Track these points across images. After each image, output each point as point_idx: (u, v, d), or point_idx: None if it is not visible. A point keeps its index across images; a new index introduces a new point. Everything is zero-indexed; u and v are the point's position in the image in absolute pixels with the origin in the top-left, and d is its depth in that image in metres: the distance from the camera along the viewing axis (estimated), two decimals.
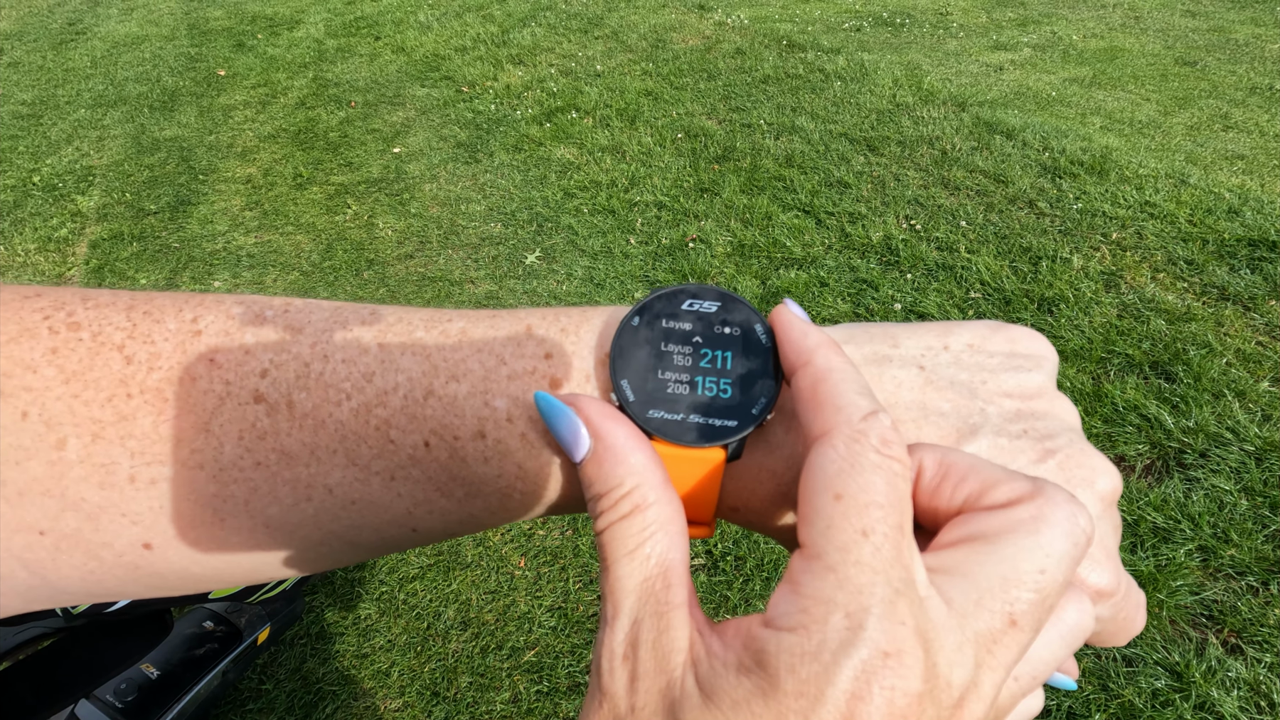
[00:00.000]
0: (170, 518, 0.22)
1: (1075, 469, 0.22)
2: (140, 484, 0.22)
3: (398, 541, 0.25)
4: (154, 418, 0.22)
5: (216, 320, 0.23)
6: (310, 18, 5.54)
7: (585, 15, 4.66)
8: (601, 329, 0.24)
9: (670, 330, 0.23)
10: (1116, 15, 4.59)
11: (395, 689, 1.39)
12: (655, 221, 2.67)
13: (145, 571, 0.23)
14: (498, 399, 0.23)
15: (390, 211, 2.95)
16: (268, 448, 0.22)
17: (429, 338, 0.24)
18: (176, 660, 1.14)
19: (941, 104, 3.18)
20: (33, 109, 4.23)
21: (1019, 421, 0.23)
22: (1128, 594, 0.23)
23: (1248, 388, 1.72)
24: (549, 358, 0.23)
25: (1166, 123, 3.17)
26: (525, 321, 0.24)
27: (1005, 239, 2.34)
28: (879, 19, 4.70)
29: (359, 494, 0.23)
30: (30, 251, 2.85)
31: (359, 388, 0.23)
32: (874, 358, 0.24)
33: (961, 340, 0.25)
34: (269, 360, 0.23)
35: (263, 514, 0.23)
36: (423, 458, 0.23)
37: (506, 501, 0.24)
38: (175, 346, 0.23)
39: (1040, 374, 0.24)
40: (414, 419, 0.22)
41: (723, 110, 3.36)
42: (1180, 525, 1.47)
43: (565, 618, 1.48)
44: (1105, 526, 0.23)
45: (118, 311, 0.23)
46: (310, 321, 0.24)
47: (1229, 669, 1.27)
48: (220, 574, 0.24)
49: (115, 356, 0.22)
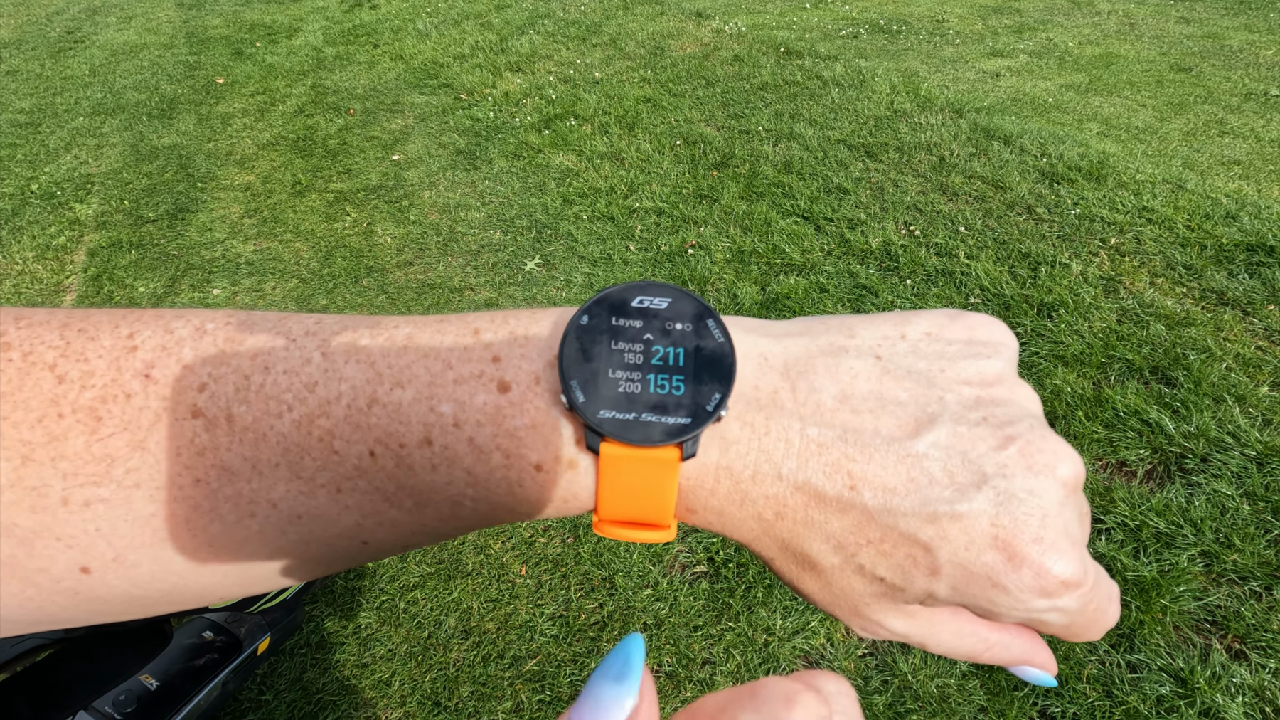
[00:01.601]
0: (107, 540, 0.21)
1: (1036, 455, 0.22)
2: (74, 506, 0.21)
3: (350, 555, 0.24)
4: (87, 437, 0.21)
5: (154, 335, 0.23)
6: (309, 26, 5.56)
7: (583, 23, 4.68)
8: (551, 330, 0.23)
9: (620, 328, 0.23)
10: (1111, 22, 4.62)
11: (396, 699, 1.38)
12: (654, 228, 2.67)
13: (86, 597, 0.22)
14: (443, 404, 0.22)
15: (389, 219, 2.95)
16: (207, 464, 0.22)
17: (374, 345, 0.23)
18: (176, 671, 1.13)
19: (939, 110, 3.20)
20: (31, 117, 4.23)
21: (978, 409, 0.23)
22: (1096, 584, 0.23)
23: (1248, 392, 1.72)
24: (496, 360, 0.22)
25: (1163, 128, 3.19)
26: (473, 325, 0.23)
27: (1004, 244, 2.34)
28: (876, 26, 4.72)
29: (305, 508, 0.22)
30: (28, 260, 2.84)
31: (301, 398, 0.22)
32: (829, 349, 0.24)
33: (919, 329, 0.24)
34: (207, 374, 0.22)
35: (205, 532, 0.22)
36: (369, 468, 0.22)
37: (458, 510, 0.23)
38: (110, 364, 0.22)
39: (999, 360, 0.24)
40: (358, 428, 0.22)
41: (721, 117, 3.37)
42: (1182, 530, 1.47)
43: (567, 626, 1.47)
44: (1069, 513, 0.22)
45: (51, 330, 0.23)
46: (252, 333, 0.23)
47: (1234, 675, 1.26)
48: (166, 596, 0.23)
49: (46, 376, 0.21)
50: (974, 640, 0.25)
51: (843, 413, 0.22)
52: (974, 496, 0.21)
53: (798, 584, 0.24)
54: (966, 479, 0.21)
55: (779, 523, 0.22)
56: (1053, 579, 0.21)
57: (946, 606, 0.24)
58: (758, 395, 0.23)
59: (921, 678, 1.32)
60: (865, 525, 0.22)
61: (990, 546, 0.21)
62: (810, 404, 0.22)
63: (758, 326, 0.25)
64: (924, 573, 0.22)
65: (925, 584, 0.22)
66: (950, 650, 0.25)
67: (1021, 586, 0.21)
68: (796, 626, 1.42)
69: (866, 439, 0.22)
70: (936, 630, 0.25)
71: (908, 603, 0.23)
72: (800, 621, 1.43)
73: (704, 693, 1.33)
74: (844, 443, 0.22)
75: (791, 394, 0.23)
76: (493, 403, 0.22)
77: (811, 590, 0.24)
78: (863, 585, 0.23)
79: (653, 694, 0.17)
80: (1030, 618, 0.23)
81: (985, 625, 0.25)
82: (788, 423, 0.22)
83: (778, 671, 1.36)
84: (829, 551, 0.22)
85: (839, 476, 0.22)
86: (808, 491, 0.22)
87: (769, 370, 0.23)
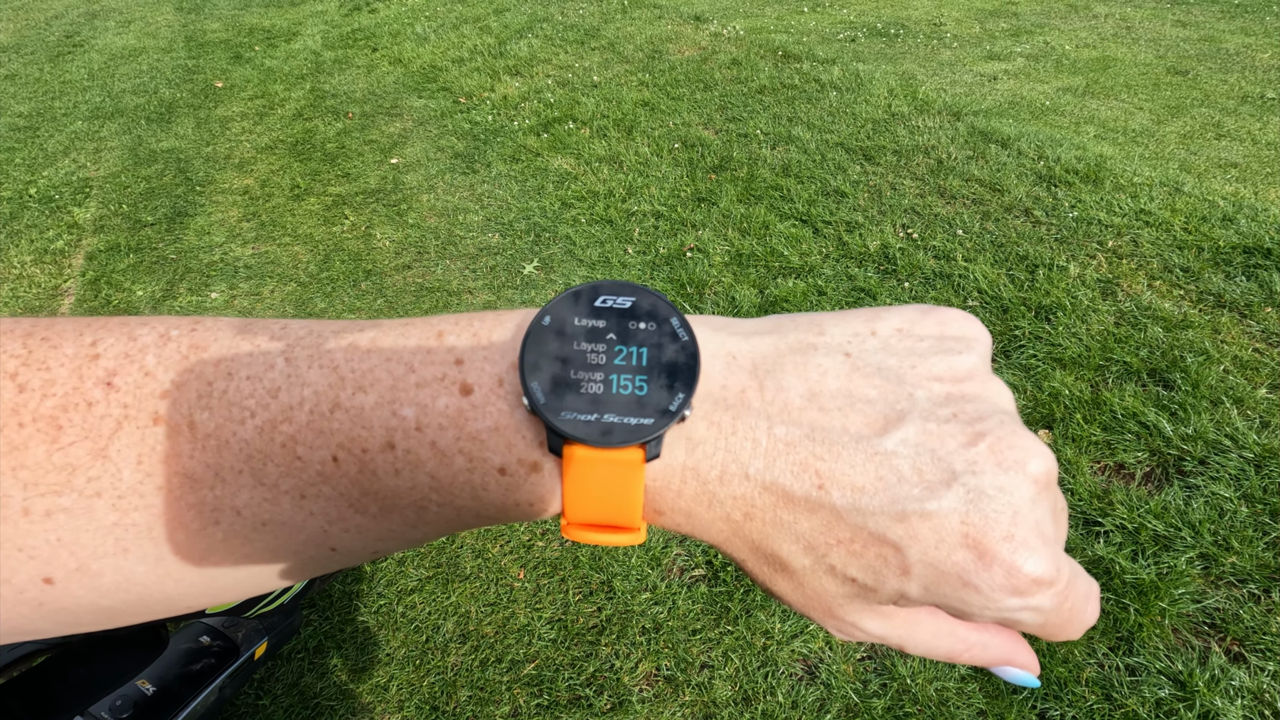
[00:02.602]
0: (69, 550, 0.21)
1: (1006, 451, 0.22)
2: (35, 516, 0.21)
3: (318, 562, 0.24)
4: (47, 446, 0.21)
5: (117, 343, 0.23)
6: (307, 30, 5.57)
7: (582, 27, 4.69)
8: (514, 331, 0.23)
9: (582, 328, 0.22)
10: (1108, 25, 4.63)
11: (394, 703, 1.37)
12: (653, 231, 2.67)
13: (51, 608, 0.22)
14: (406, 408, 0.22)
15: (388, 222, 2.95)
16: (169, 471, 0.22)
17: (338, 349, 0.23)
18: (173, 676, 1.13)
19: (936, 113, 3.20)
20: (29, 121, 4.23)
21: (948, 405, 0.22)
22: (1071, 583, 0.22)
23: (1245, 395, 1.73)
24: (460, 363, 0.22)
25: (1160, 131, 3.19)
26: (437, 328, 0.23)
27: (1002, 247, 2.35)
28: (873, 29, 4.73)
29: (269, 514, 0.22)
30: (26, 264, 2.84)
31: (263, 404, 0.22)
32: (799, 346, 0.23)
33: (890, 325, 0.24)
34: (170, 381, 0.22)
35: (169, 540, 0.22)
36: (332, 473, 0.22)
37: (423, 515, 0.23)
38: (71, 372, 0.22)
39: (971, 356, 0.24)
40: (320, 433, 0.22)
41: (719, 120, 3.38)
42: (1181, 533, 1.47)
43: (565, 630, 1.46)
44: (1041, 510, 0.22)
45: (14, 339, 0.23)
46: (217, 339, 0.23)
47: (1232, 678, 1.26)
48: (131, 606, 0.23)
49: (8, 385, 0.22)
50: (952, 640, 0.25)
51: (811, 411, 0.22)
52: (944, 494, 0.21)
53: (771, 586, 0.24)
54: (936, 477, 0.21)
55: (748, 524, 0.22)
56: (1024, 577, 0.21)
57: (922, 607, 0.24)
58: (725, 395, 0.22)
59: (920, 681, 1.32)
60: (834, 525, 0.22)
61: (961, 545, 0.21)
62: (778, 403, 0.22)
63: (726, 325, 0.24)
64: (895, 572, 0.22)
65: (897, 584, 0.22)
66: (928, 651, 0.25)
67: (993, 585, 0.21)
68: (795, 630, 1.42)
69: (835, 437, 0.22)
70: (914, 631, 0.25)
71: (881, 603, 0.23)
72: (799, 625, 1.43)
73: (702, 697, 1.33)
74: (812, 441, 0.22)
75: (759, 393, 0.22)
76: (455, 405, 0.22)
77: (784, 592, 0.24)
78: (835, 586, 0.23)
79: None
80: (1004, 617, 0.22)
81: (963, 625, 0.25)
82: (755, 422, 0.22)
83: (776, 677, 1.36)
84: (799, 552, 0.22)
85: (807, 475, 0.21)
86: (776, 491, 0.22)
87: (737, 369, 0.23)
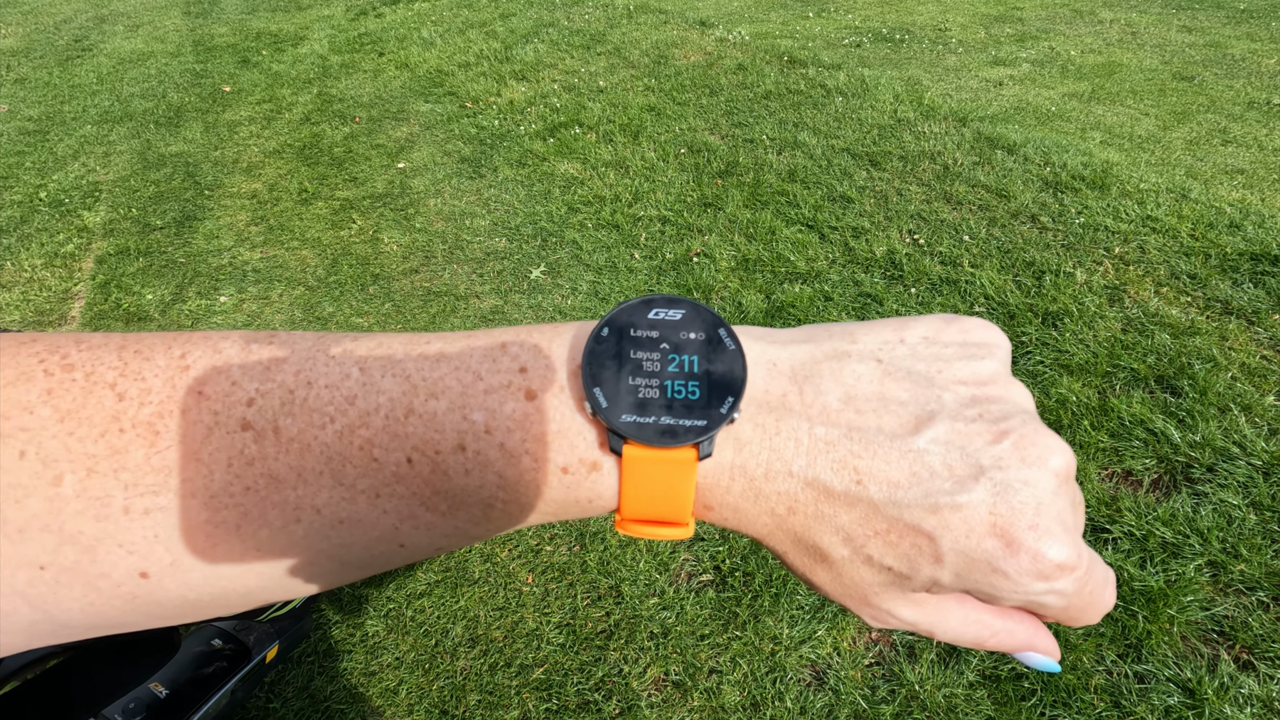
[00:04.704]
0: (165, 546, 0.23)
1: (1029, 447, 0.23)
2: (135, 514, 0.22)
3: (387, 558, 0.26)
4: (146, 450, 0.23)
5: (204, 355, 0.24)
6: (314, 34, 5.60)
7: (587, 32, 4.70)
8: (572, 341, 0.25)
9: (638, 339, 0.24)
10: (1113, 31, 4.63)
11: (404, 707, 1.38)
12: (659, 236, 2.68)
13: (143, 600, 0.24)
14: (475, 413, 0.23)
15: (395, 226, 2.96)
16: (256, 473, 0.23)
17: (407, 359, 0.25)
18: (185, 679, 1.14)
19: (942, 119, 3.21)
20: (39, 125, 4.26)
21: (974, 406, 0.24)
22: (1090, 568, 0.24)
23: (1253, 402, 1.72)
24: (523, 371, 0.24)
25: (1166, 137, 3.19)
26: (500, 339, 0.25)
27: (1008, 253, 2.35)
28: (879, 35, 4.74)
29: (346, 513, 0.24)
30: (37, 267, 2.86)
31: (342, 410, 0.23)
32: (833, 354, 0.25)
33: (917, 333, 0.26)
34: (255, 389, 0.24)
35: (254, 537, 0.24)
36: (406, 474, 0.24)
37: (489, 512, 0.25)
38: (165, 382, 0.24)
39: (993, 361, 0.26)
40: (396, 437, 0.23)
41: (725, 125, 3.39)
42: (1189, 540, 1.47)
43: (574, 634, 1.47)
44: (1062, 502, 0.23)
45: (109, 352, 0.24)
46: (294, 351, 0.25)
47: (1242, 685, 1.26)
48: (215, 600, 0.25)
49: (108, 394, 0.23)
50: (979, 627, 0.27)
51: (848, 413, 0.24)
52: (972, 488, 0.23)
53: (810, 576, 0.26)
54: (965, 471, 0.23)
55: (791, 517, 0.24)
56: (1048, 562, 0.23)
57: (952, 594, 0.26)
58: (768, 398, 0.24)
59: (929, 687, 1.32)
60: (872, 517, 0.23)
61: (989, 534, 0.23)
62: (817, 405, 0.24)
63: (765, 334, 0.26)
64: (929, 561, 0.23)
65: (930, 571, 0.24)
66: (957, 636, 0.27)
67: (1020, 570, 0.23)
68: (803, 635, 1.42)
69: (870, 436, 0.24)
70: (944, 617, 0.26)
71: (914, 591, 0.25)
72: (807, 630, 1.43)
73: (711, 703, 1.33)
74: (850, 440, 0.24)
75: (799, 397, 0.24)
76: (521, 410, 0.24)
77: (823, 582, 0.26)
78: (872, 575, 0.25)
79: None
80: (1029, 600, 0.24)
81: (990, 612, 0.26)
82: (797, 423, 0.24)
83: (784, 682, 1.36)
84: (839, 543, 0.24)
85: (846, 472, 0.23)
86: (817, 487, 0.24)
87: (778, 375, 0.25)
